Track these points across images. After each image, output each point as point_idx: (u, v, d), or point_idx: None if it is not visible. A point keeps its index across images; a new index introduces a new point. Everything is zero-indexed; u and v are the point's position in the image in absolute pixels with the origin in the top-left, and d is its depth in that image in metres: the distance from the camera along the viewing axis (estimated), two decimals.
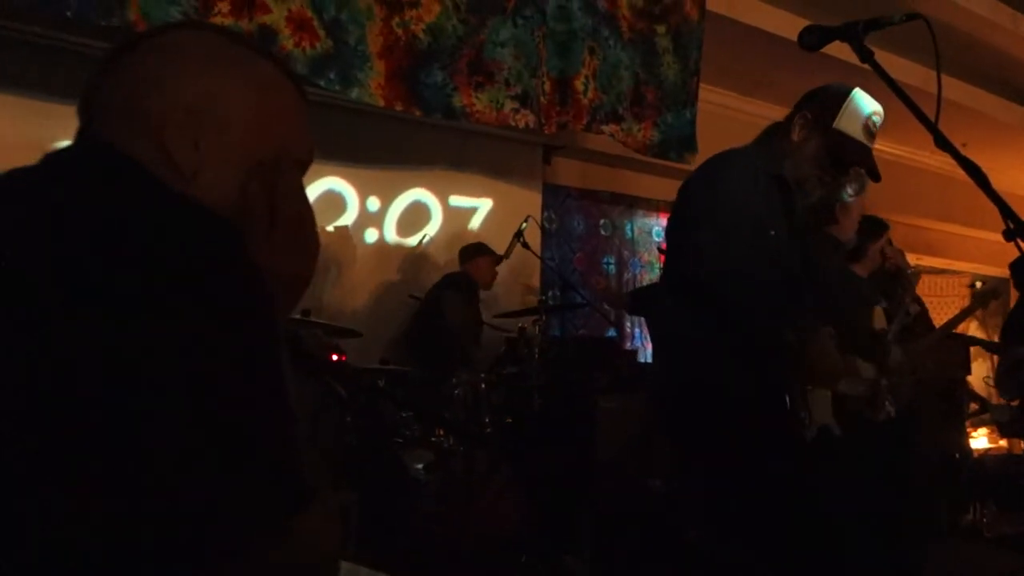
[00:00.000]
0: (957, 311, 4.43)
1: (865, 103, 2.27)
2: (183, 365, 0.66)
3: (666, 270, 2.38)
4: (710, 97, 6.05)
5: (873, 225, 3.87)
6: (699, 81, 5.17)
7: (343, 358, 3.51)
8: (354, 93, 3.78)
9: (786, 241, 2.24)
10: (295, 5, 3.57)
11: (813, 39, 1.74)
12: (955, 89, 6.70)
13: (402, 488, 3.65)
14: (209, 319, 0.68)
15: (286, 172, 0.94)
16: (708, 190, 2.18)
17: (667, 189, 6.14)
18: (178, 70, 0.87)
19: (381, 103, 3.89)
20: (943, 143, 1.50)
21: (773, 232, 2.18)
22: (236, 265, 0.76)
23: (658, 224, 6.66)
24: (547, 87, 4.42)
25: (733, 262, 2.05)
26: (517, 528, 3.87)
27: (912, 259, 8.35)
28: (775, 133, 2.34)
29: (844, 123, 2.23)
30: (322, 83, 3.67)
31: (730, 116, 6.52)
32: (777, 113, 7.33)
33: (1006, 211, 1.40)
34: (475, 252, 4.96)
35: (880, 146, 6.66)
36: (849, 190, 3.25)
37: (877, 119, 2.27)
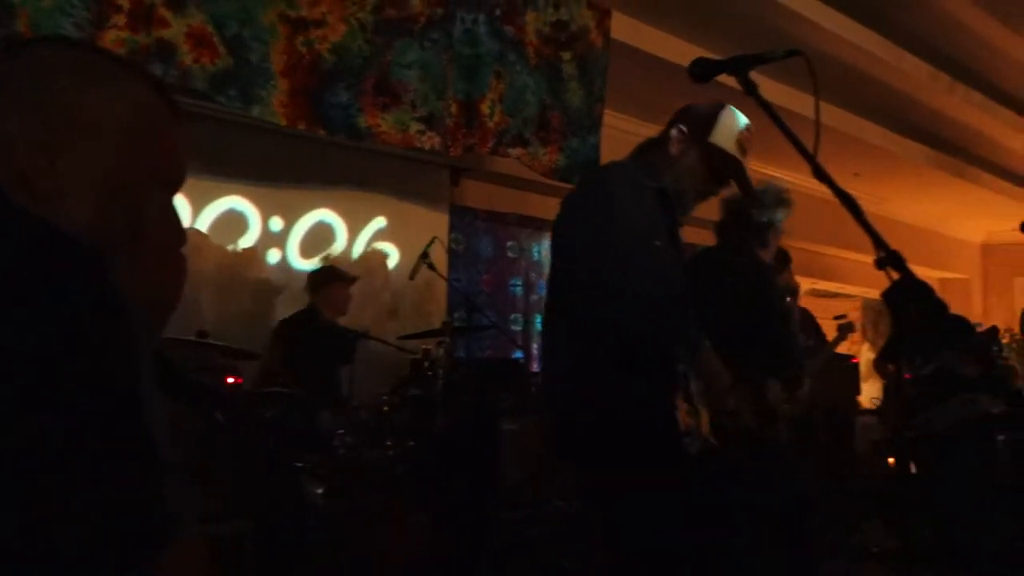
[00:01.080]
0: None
1: (737, 118, 2.36)
2: (19, 393, 0.63)
3: (556, 289, 2.33)
4: (614, 123, 6.18)
5: (782, 254, 4.01)
6: (603, 107, 5.27)
7: (239, 381, 3.43)
8: (256, 111, 3.72)
9: (670, 253, 2.28)
10: (195, 20, 3.50)
11: (702, 71, 1.80)
12: (847, 122, 7.01)
13: (301, 515, 3.57)
14: (52, 347, 0.66)
15: (153, 193, 0.91)
16: (594, 207, 2.18)
17: None
18: (40, 88, 0.84)
19: (283, 122, 3.84)
20: (820, 174, 1.56)
21: (658, 243, 2.22)
22: (88, 290, 0.73)
23: None
24: (453, 110, 4.44)
25: (629, 283, 2.07)
26: (420, 553, 3.84)
27: (807, 283, 8.67)
28: (650, 148, 2.40)
29: (718, 137, 2.31)
30: (222, 100, 3.60)
31: (633, 141, 6.65)
32: None
33: (877, 240, 1.46)
34: (325, 279, 4.81)
35: (776, 173, 6.89)
36: (779, 214, 3.33)
37: (748, 134, 2.37)
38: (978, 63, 6.67)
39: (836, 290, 9.47)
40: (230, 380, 3.32)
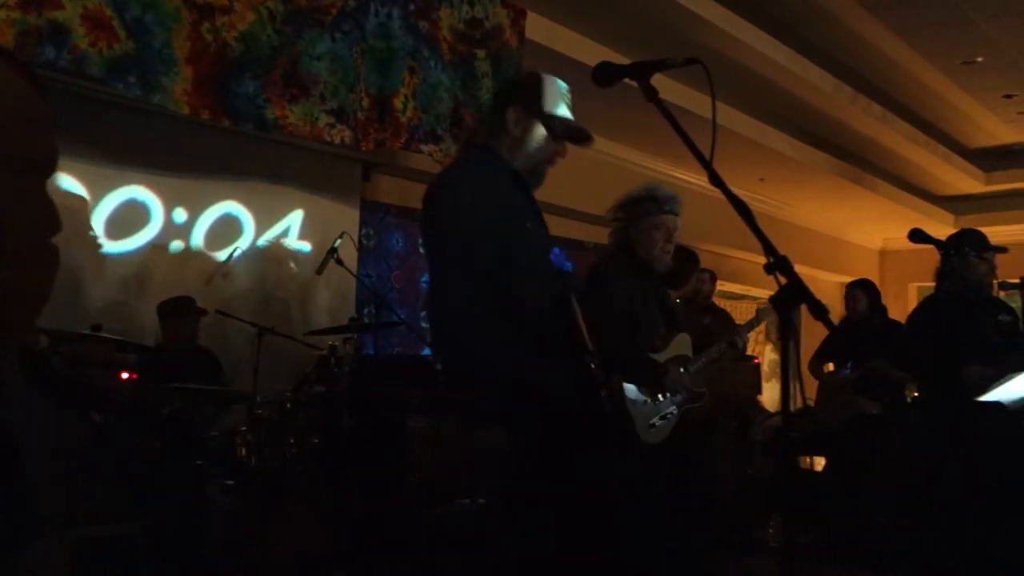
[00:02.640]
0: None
1: (556, 82, 2.43)
2: None
3: (454, 287, 2.24)
4: None
5: (691, 255, 4.06)
6: None
7: (134, 376, 3.32)
8: (156, 98, 3.60)
9: (540, 233, 2.37)
10: (92, 3, 3.36)
11: (604, 75, 1.81)
12: (754, 128, 7.20)
13: (197, 515, 3.47)
14: None
15: (16, 176, 0.86)
16: (468, 206, 2.22)
17: None
18: None
19: (186, 111, 3.73)
20: (715, 180, 1.59)
21: (529, 224, 2.29)
22: None
23: None
24: (365, 103, 4.38)
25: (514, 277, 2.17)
26: (325, 552, 3.78)
27: (720, 285, 8.84)
28: (489, 136, 2.40)
29: (551, 105, 2.36)
30: (120, 86, 3.48)
31: None
32: (597, 142, 7.58)
33: (767, 246, 1.50)
34: (166, 312, 4.57)
35: (685, 176, 7.00)
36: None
37: (569, 92, 2.46)
38: (878, 77, 6.93)
39: (742, 292, 9.71)
40: (124, 375, 3.20)
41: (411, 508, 4.07)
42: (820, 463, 5.92)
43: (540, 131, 2.34)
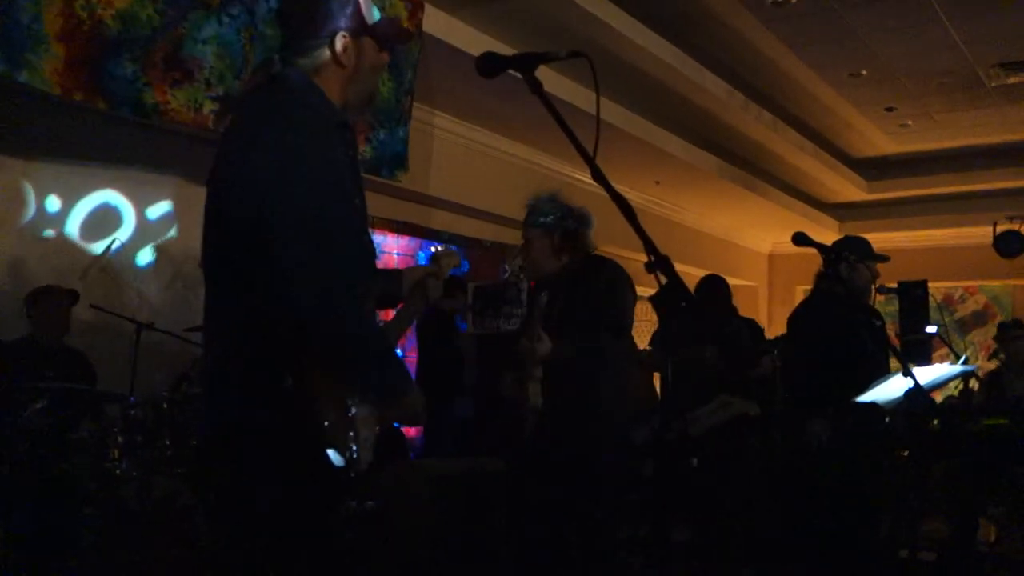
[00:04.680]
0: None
1: None
2: None
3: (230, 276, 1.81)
4: (423, 116, 6.12)
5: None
6: (412, 100, 5.20)
7: None
8: (23, 76, 3.38)
9: (362, 205, 1.95)
10: None
11: (488, 66, 1.76)
12: (650, 131, 7.29)
13: (69, 519, 3.28)
14: None
15: None
16: (292, 174, 1.70)
17: (379, 205, 6.11)
18: None
19: (57, 91, 3.52)
20: (597, 175, 1.56)
21: (357, 201, 1.90)
22: None
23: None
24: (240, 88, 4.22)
25: (337, 289, 1.68)
26: (202, 557, 3.62)
27: None
28: (309, 70, 1.88)
29: (370, 14, 1.95)
30: None
31: (443, 137, 6.64)
32: (493, 139, 7.50)
33: (649, 245, 1.47)
34: (34, 298, 4.31)
35: (584, 177, 7.02)
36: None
37: None
38: (769, 85, 7.12)
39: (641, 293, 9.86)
40: None
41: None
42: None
43: (369, 49, 1.94)
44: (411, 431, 6.83)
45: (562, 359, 3.10)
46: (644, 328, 7.30)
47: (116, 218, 5.12)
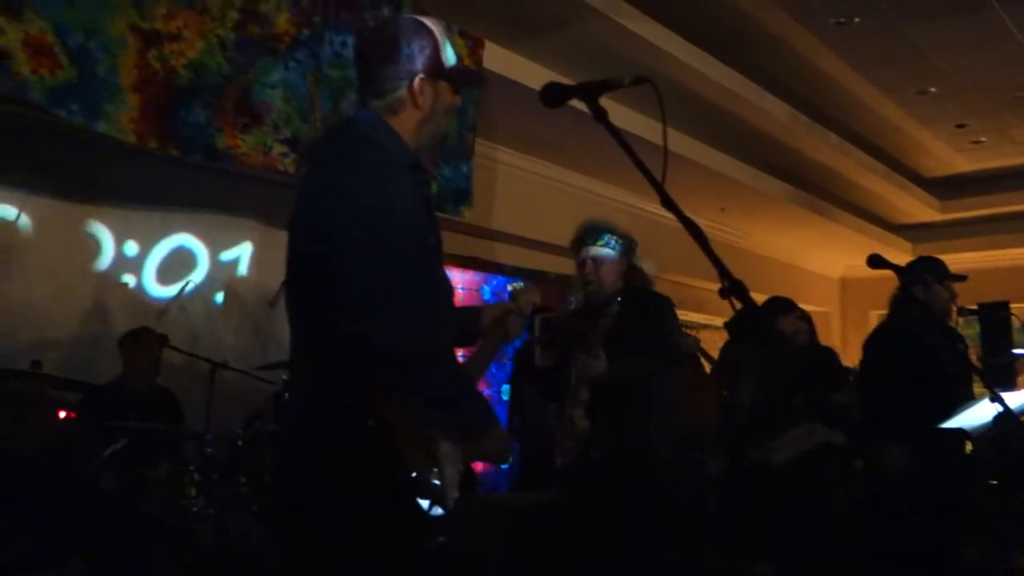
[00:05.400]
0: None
1: (433, 23, 1.98)
2: None
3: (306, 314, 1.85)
4: (485, 152, 6.17)
5: None
6: (475, 136, 5.25)
7: (72, 415, 3.18)
8: (101, 127, 3.50)
9: (437, 243, 1.95)
10: (34, 28, 3.27)
11: (552, 96, 1.76)
12: (713, 158, 7.23)
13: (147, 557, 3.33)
14: None
15: None
16: (364, 215, 1.72)
17: (448, 240, 6.16)
18: None
19: (133, 139, 3.63)
20: (667, 202, 1.54)
21: (432, 239, 1.91)
22: None
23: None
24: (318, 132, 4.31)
25: (413, 327, 1.70)
26: None
27: (682, 314, 8.83)
28: (384, 110, 1.91)
29: (447, 57, 1.95)
30: (63, 114, 3.37)
31: (506, 171, 6.68)
32: (556, 172, 7.52)
33: (722, 270, 1.44)
34: (128, 341, 4.42)
35: (646, 207, 6.99)
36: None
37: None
38: (834, 107, 7.01)
39: (706, 321, 9.71)
40: (62, 414, 3.06)
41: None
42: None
43: (444, 92, 1.95)
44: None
45: (615, 381, 3.07)
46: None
47: (191, 261, 5.26)
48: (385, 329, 1.66)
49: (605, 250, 3.27)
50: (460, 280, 7.46)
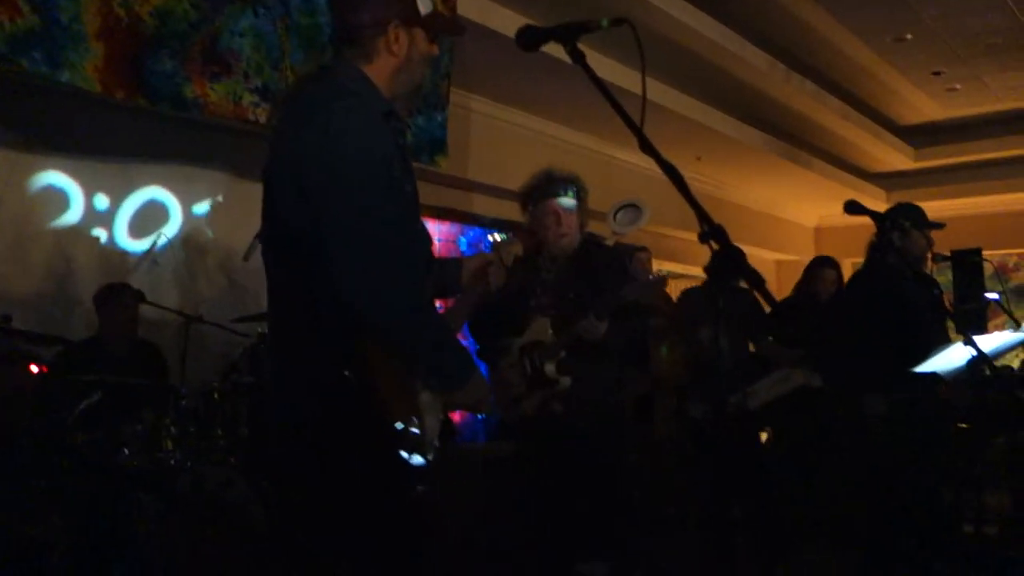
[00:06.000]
0: None
1: None
2: None
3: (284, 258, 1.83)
4: (460, 101, 6.09)
5: None
6: (450, 85, 5.18)
7: (44, 369, 3.14)
8: (65, 76, 3.41)
9: (414, 192, 1.93)
10: None
11: (529, 40, 1.72)
12: (689, 106, 7.18)
13: (118, 516, 3.30)
14: None
15: None
16: (339, 164, 1.68)
17: (424, 191, 6.10)
18: None
19: (99, 89, 3.55)
20: (646, 146, 1.52)
21: (408, 188, 1.88)
22: None
23: None
24: (291, 81, 4.23)
25: (390, 279, 1.68)
26: (257, 547, 3.65)
27: (656, 264, 8.88)
28: (359, 59, 1.88)
29: (423, 4, 1.92)
30: (25, 63, 3.28)
31: (481, 121, 6.61)
32: (531, 121, 7.44)
33: (701, 214, 1.43)
34: (102, 299, 4.27)
35: (624, 157, 6.96)
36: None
37: None
38: (811, 54, 6.97)
39: (681, 271, 9.74)
40: (34, 368, 3.03)
41: None
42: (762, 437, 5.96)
43: (420, 39, 1.91)
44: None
45: (610, 343, 3.07)
46: None
47: (163, 214, 5.17)
48: (364, 280, 1.65)
49: (572, 201, 3.24)
50: (437, 231, 7.41)
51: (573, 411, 3.10)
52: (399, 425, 1.74)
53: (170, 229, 5.20)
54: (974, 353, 2.76)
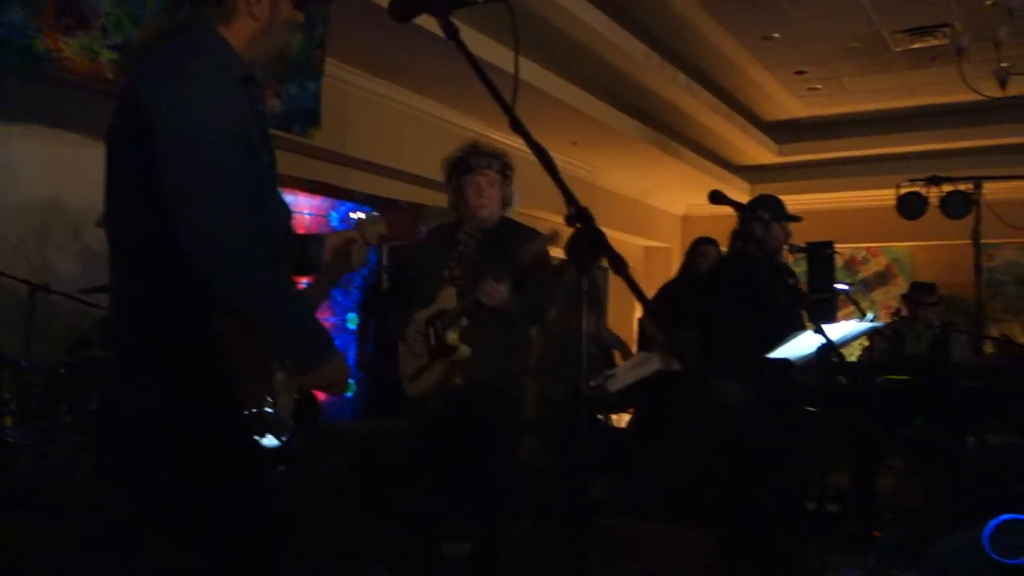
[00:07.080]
0: None
1: None
2: None
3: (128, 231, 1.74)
4: (337, 73, 5.94)
5: None
6: (324, 54, 5.04)
7: None
8: None
9: (271, 162, 1.86)
10: None
11: (401, 10, 1.68)
12: (565, 91, 7.24)
13: None
14: None
15: None
16: (186, 125, 1.60)
17: (296, 164, 5.93)
18: None
19: None
20: (516, 126, 1.50)
21: (265, 157, 1.81)
22: None
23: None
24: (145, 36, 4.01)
25: (241, 245, 1.61)
26: (109, 525, 3.48)
27: None
28: (218, 19, 1.80)
29: None
30: None
31: (355, 94, 6.47)
32: (411, 98, 7.31)
33: (568, 196, 1.43)
34: None
35: (500, 137, 6.97)
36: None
37: None
38: (684, 46, 7.14)
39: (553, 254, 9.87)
40: None
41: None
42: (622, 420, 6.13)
43: (284, 4, 1.84)
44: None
45: (505, 312, 3.06)
46: None
47: (6, 175, 4.83)
48: (215, 248, 1.57)
49: (495, 173, 3.24)
50: (307, 205, 7.24)
51: (472, 383, 3.09)
52: (251, 412, 1.67)
53: (15, 192, 4.86)
54: (824, 341, 2.89)
